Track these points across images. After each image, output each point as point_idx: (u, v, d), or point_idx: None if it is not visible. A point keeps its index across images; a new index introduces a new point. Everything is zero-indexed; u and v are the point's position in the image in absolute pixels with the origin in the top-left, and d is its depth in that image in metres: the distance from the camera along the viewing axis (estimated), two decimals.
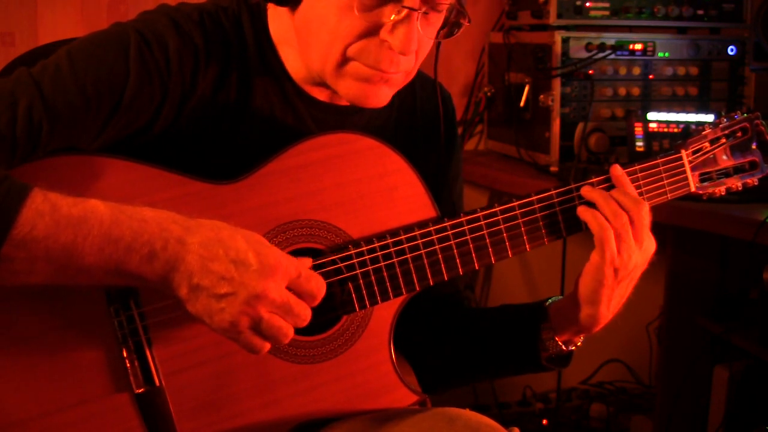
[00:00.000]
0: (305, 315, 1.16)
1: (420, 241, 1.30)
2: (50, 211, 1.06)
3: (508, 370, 1.48)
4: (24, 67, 1.19)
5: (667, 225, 2.20)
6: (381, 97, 1.28)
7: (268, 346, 1.16)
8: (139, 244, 1.09)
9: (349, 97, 1.27)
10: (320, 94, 1.35)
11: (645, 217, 1.30)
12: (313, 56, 1.27)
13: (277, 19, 1.31)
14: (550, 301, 1.41)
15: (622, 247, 1.29)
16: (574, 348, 1.40)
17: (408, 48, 1.20)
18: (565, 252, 2.71)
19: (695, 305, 2.43)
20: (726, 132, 1.43)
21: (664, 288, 2.43)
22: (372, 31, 1.21)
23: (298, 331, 1.18)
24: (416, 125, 1.47)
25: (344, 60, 1.24)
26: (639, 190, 1.38)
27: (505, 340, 1.44)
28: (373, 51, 1.22)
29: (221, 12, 1.30)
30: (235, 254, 1.11)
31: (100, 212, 1.08)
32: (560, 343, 1.39)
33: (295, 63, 1.32)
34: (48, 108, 1.15)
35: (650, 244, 1.33)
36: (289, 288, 1.15)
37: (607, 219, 1.30)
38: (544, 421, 2.93)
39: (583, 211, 1.33)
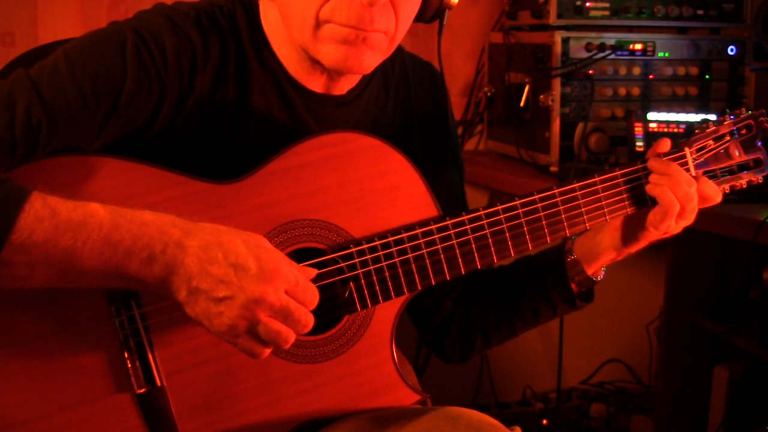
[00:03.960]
0: (306, 320, 1.15)
1: (422, 240, 1.29)
2: (50, 216, 1.06)
3: (545, 316, 1.50)
4: (22, 69, 1.19)
5: None
6: (364, 60, 1.27)
7: (267, 350, 1.15)
8: (139, 248, 1.09)
9: (330, 62, 1.27)
10: (315, 85, 1.35)
11: (694, 197, 1.37)
12: (294, 29, 1.27)
13: (266, 11, 1.32)
14: (572, 239, 1.46)
15: (679, 220, 1.37)
16: (600, 278, 1.47)
17: None
18: None
19: (695, 305, 2.42)
20: (730, 129, 1.43)
21: (664, 288, 2.42)
22: None
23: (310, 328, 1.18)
24: (412, 110, 1.47)
25: (318, 23, 1.24)
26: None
27: (537, 286, 1.47)
28: (344, 8, 1.23)
29: (217, 10, 1.31)
30: (234, 258, 1.11)
31: (100, 216, 1.08)
32: (590, 276, 1.45)
33: (288, 55, 1.32)
34: (46, 108, 1.15)
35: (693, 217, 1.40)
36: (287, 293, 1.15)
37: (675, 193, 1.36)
38: (544, 421, 2.92)
39: (652, 188, 1.37)
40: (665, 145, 1.41)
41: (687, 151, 1.41)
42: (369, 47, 1.26)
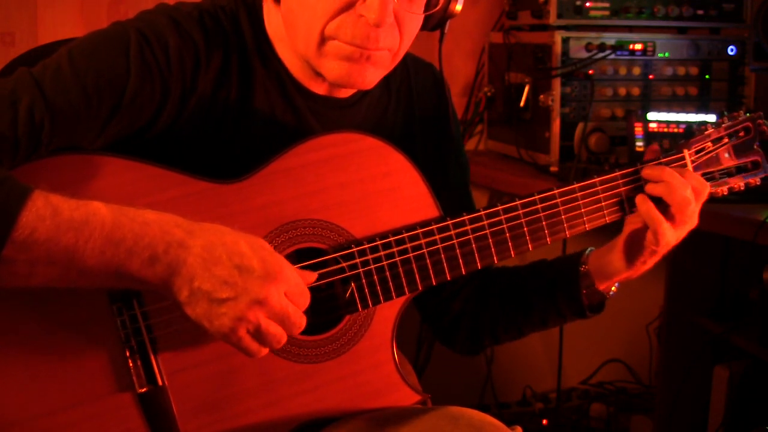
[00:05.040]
0: (300, 324, 1.16)
1: (423, 241, 1.30)
2: (51, 214, 1.05)
3: (552, 323, 1.51)
4: (24, 67, 1.19)
5: None
6: (366, 77, 1.28)
7: (265, 350, 1.16)
8: (141, 248, 1.09)
9: (333, 78, 1.27)
10: (318, 88, 1.35)
11: (694, 206, 1.36)
12: (298, 41, 1.27)
13: (270, 15, 1.32)
14: (587, 252, 1.45)
15: (681, 226, 1.36)
16: (612, 292, 1.46)
17: (382, 19, 1.20)
18: (564, 253, 2.70)
19: (695, 305, 2.43)
20: (729, 132, 1.43)
21: (664, 288, 2.42)
22: (348, 7, 1.22)
23: (302, 330, 1.18)
24: (414, 111, 1.47)
25: (323, 39, 1.24)
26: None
27: (547, 293, 1.47)
28: (350, 26, 1.22)
29: (220, 10, 1.31)
30: (239, 259, 1.11)
31: (102, 215, 1.08)
32: (601, 291, 1.44)
33: (291, 57, 1.32)
34: (49, 107, 1.15)
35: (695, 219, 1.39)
36: None
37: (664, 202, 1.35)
38: (544, 421, 2.92)
39: (641, 202, 1.37)
40: (653, 150, 1.42)
41: (686, 153, 1.41)
42: (372, 64, 1.27)
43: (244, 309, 1.11)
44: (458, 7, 1.35)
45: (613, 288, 1.46)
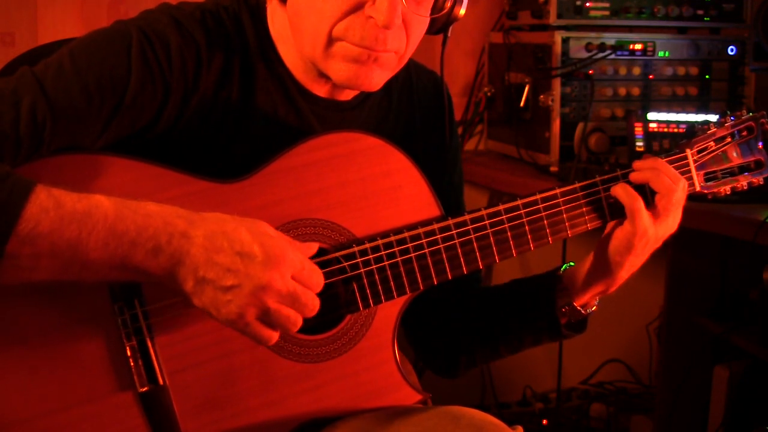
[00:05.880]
0: (312, 304, 1.16)
1: (424, 240, 1.30)
2: (54, 206, 1.06)
3: (529, 342, 1.48)
4: (26, 66, 1.19)
5: None
6: (373, 79, 1.28)
7: (276, 335, 1.16)
8: (144, 239, 1.09)
9: (340, 80, 1.27)
10: (320, 90, 1.35)
11: (680, 193, 1.34)
12: (304, 42, 1.27)
13: (274, 15, 1.32)
14: (564, 268, 1.44)
15: (663, 219, 1.34)
16: (591, 311, 1.43)
17: (391, 21, 1.20)
18: (565, 253, 2.71)
19: (695, 305, 2.43)
20: (731, 131, 1.43)
21: (664, 288, 2.42)
22: (357, 8, 1.22)
23: (302, 330, 1.19)
24: (415, 116, 1.47)
25: (331, 40, 1.24)
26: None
27: (523, 312, 1.45)
28: (358, 28, 1.22)
29: (222, 11, 1.31)
30: (240, 246, 1.11)
31: (105, 207, 1.09)
32: (578, 308, 1.41)
33: (294, 59, 1.32)
34: (51, 106, 1.15)
35: (677, 218, 1.37)
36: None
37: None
38: (544, 421, 2.93)
39: (614, 188, 1.35)
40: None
41: (688, 152, 1.41)
42: (379, 66, 1.27)
43: (249, 295, 1.11)
44: (462, 11, 1.35)
45: (594, 307, 1.43)
